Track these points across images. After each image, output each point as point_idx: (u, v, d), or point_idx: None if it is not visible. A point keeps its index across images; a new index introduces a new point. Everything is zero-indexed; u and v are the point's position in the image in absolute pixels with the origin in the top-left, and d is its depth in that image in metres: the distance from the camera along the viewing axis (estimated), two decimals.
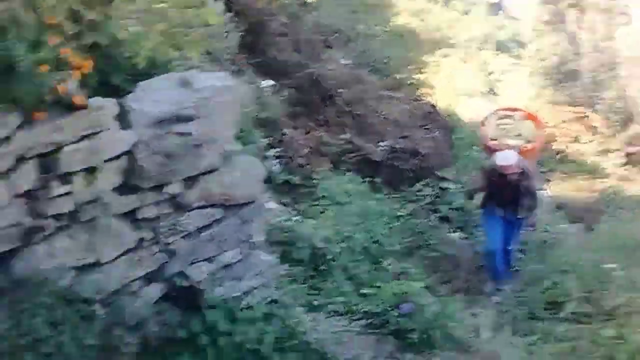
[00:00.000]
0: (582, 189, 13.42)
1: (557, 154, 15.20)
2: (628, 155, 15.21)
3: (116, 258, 3.98)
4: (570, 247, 8.98)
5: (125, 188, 3.91)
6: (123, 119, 3.86)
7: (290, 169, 8.10)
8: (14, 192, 3.51)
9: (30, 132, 3.47)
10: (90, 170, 3.74)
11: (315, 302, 5.89)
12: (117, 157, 3.83)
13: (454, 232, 9.11)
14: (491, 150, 8.38)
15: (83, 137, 3.67)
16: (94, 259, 3.90)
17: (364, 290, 6.29)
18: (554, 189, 13.45)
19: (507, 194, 7.80)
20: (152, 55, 4.20)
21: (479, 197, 8.25)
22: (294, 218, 6.97)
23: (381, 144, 9.59)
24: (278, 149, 7.99)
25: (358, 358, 5.05)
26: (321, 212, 7.70)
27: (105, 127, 3.73)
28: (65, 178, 3.66)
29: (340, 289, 6.49)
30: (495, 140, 8.61)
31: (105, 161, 3.78)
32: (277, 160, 7.96)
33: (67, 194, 3.68)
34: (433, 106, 11.48)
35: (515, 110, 9.23)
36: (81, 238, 3.82)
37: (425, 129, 10.46)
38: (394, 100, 10.78)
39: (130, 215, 3.98)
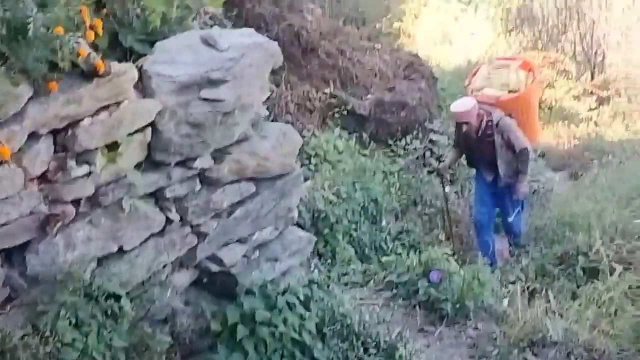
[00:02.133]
0: (562, 136, 13.07)
1: None
2: (600, 99, 14.95)
3: (142, 244, 3.50)
4: (567, 197, 8.71)
5: (149, 165, 3.43)
6: (143, 86, 3.37)
7: None
8: (26, 176, 2.98)
9: (42, 105, 2.95)
10: (111, 147, 3.25)
11: (330, 273, 5.61)
12: (140, 130, 3.33)
13: (446, 185, 8.47)
14: None
15: (102, 109, 3.16)
16: (118, 247, 3.42)
17: (384, 258, 5.99)
18: None
19: (482, 152, 7.05)
20: (166, 11, 3.72)
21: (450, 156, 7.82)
22: None
23: (367, 96, 9.22)
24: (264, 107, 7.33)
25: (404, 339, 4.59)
26: (315, 172, 7.35)
27: (125, 96, 3.23)
28: (84, 157, 3.15)
29: (350, 255, 6.27)
30: (479, 91, 7.84)
31: (127, 135, 3.28)
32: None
33: (86, 175, 3.17)
34: (415, 56, 11.17)
35: (513, 59, 8.48)
36: (103, 224, 3.32)
37: (410, 79, 10.09)
38: (375, 51, 10.34)
39: (155, 195, 3.52)
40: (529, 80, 7.76)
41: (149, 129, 3.38)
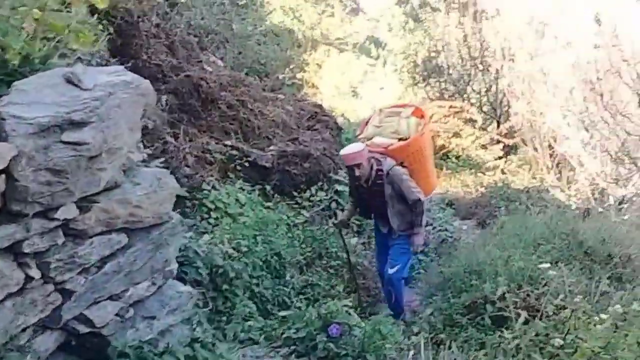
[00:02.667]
0: (469, 185, 13.18)
1: (440, 149, 14.94)
2: (507, 147, 15.16)
3: None
4: (475, 245, 8.47)
5: (4, 216, 3.05)
6: None
7: (176, 180, 7.09)
8: None
9: None
10: None
11: (226, 330, 5.26)
12: None
13: (352, 237, 8.62)
14: None
15: None
16: None
17: (283, 313, 5.71)
18: (441, 185, 13.06)
19: (374, 203, 6.94)
20: (27, 49, 3.43)
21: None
22: (187, 234, 6.08)
23: (270, 148, 8.98)
24: (161, 159, 6.93)
25: None
26: (214, 226, 6.99)
27: None
28: None
29: (250, 311, 5.94)
30: (370, 139, 7.44)
31: None
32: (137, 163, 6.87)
33: None
34: (319, 106, 11.06)
35: (404, 106, 7.97)
36: None
37: (313, 129, 9.98)
38: (278, 102, 10.17)
39: (13, 250, 3.12)
40: (419, 127, 7.45)
41: (3, 176, 3.02)
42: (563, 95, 12.96)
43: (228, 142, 8.58)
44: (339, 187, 8.96)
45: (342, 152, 6.88)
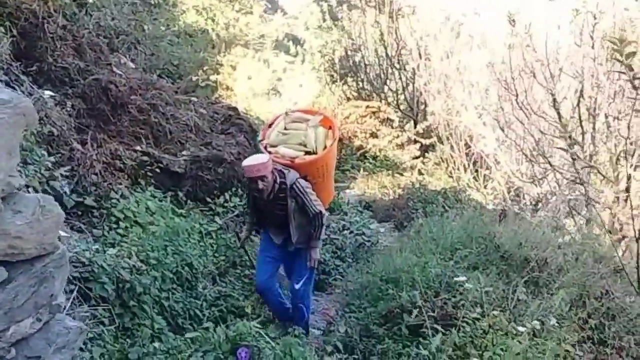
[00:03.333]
0: (387, 186, 13.03)
1: (357, 150, 14.91)
2: (424, 147, 15.16)
3: None
4: (391, 250, 8.33)
5: None
6: None
7: (83, 189, 6.90)
8: None
9: None
10: None
11: (129, 354, 4.97)
12: None
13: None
14: None
15: None
16: None
17: (189, 335, 5.37)
18: (358, 187, 13.05)
19: (273, 215, 6.55)
20: None
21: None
22: (92, 247, 5.83)
23: (182, 153, 8.70)
24: (67, 167, 6.68)
25: None
26: (122, 236, 6.66)
27: None
28: None
29: (157, 328, 5.68)
30: (274, 147, 7.04)
31: None
32: (67, 181, 6.60)
33: None
34: (233, 108, 10.83)
35: (313, 113, 7.55)
36: None
37: (227, 133, 9.76)
38: (191, 105, 9.87)
39: None
40: (328, 140, 7.11)
41: None
42: (479, 94, 13.08)
43: (139, 148, 8.27)
44: None
45: (245, 162, 6.37)
